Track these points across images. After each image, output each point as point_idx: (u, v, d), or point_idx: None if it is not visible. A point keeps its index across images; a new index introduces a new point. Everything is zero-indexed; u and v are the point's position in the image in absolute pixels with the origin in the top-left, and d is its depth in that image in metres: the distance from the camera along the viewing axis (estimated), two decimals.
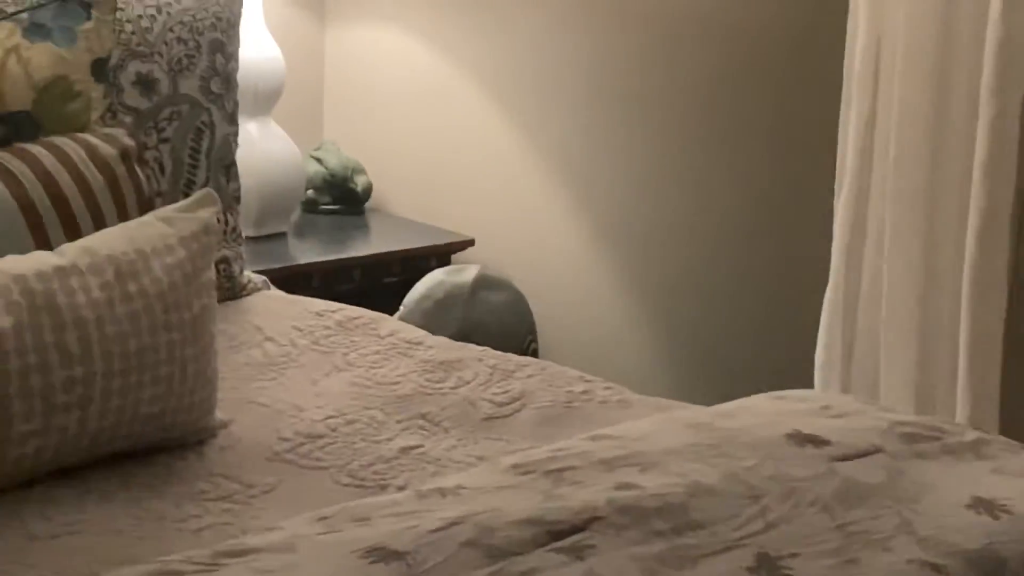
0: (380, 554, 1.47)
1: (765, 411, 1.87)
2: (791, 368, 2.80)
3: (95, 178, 2.10)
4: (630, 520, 1.55)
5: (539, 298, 3.19)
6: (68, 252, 1.88)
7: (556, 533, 1.53)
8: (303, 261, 3.09)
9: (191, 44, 2.47)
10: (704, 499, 1.61)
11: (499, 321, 3.04)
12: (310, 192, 3.34)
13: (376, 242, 3.29)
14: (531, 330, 3.12)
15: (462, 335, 2.93)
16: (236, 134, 2.55)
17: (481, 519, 1.54)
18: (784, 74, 2.87)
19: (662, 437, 1.75)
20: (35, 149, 2.09)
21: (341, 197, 3.38)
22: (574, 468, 1.67)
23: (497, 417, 2.10)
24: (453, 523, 1.53)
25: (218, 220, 2.44)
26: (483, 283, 3.06)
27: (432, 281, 3.07)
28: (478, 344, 2.35)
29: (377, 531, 1.52)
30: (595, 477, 1.65)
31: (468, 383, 2.20)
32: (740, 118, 2.94)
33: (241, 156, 2.65)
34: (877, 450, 1.74)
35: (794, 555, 1.52)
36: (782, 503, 1.62)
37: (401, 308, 3.05)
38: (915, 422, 1.85)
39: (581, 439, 1.79)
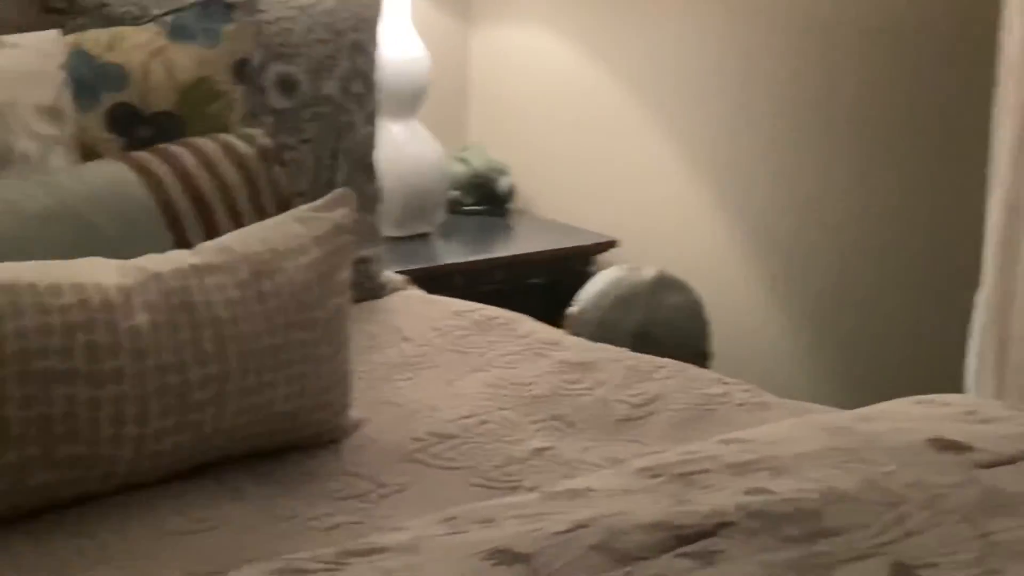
0: (503, 556, 1.45)
1: (907, 416, 1.82)
2: (941, 373, 2.73)
3: (234, 178, 2.12)
4: (761, 526, 1.52)
5: None
6: (205, 251, 1.90)
7: (684, 538, 1.50)
8: (446, 261, 3.10)
9: (332, 45, 2.49)
10: (839, 506, 1.57)
11: (677, 323, 3.00)
12: (454, 193, 3.35)
13: (519, 243, 3.28)
14: (707, 335, 3.06)
15: (640, 334, 2.90)
16: (375, 135, 2.56)
17: (608, 522, 1.51)
18: (936, 72, 2.80)
19: (797, 441, 1.71)
20: (176, 149, 2.12)
21: (485, 198, 3.38)
22: (704, 472, 1.64)
23: (632, 419, 2.07)
24: (579, 526, 1.51)
25: (355, 220, 2.48)
26: (663, 283, 3.02)
27: (610, 278, 3.03)
28: (656, 345, 2.31)
29: (502, 532, 1.50)
30: (725, 481, 1.61)
31: (604, 384, 2.18)
32: (891, 118, 2.88)
33: (386, 157, 2.67)
34: (1022, 456, 1.68)
35: (932, 565, 1.47)
36: (921, 511, 1.57)
37: (576, 304, 3.01)
38: None
39: (713, 442, 1.76)
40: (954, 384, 2.65)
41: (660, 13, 3.18)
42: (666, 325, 2.95)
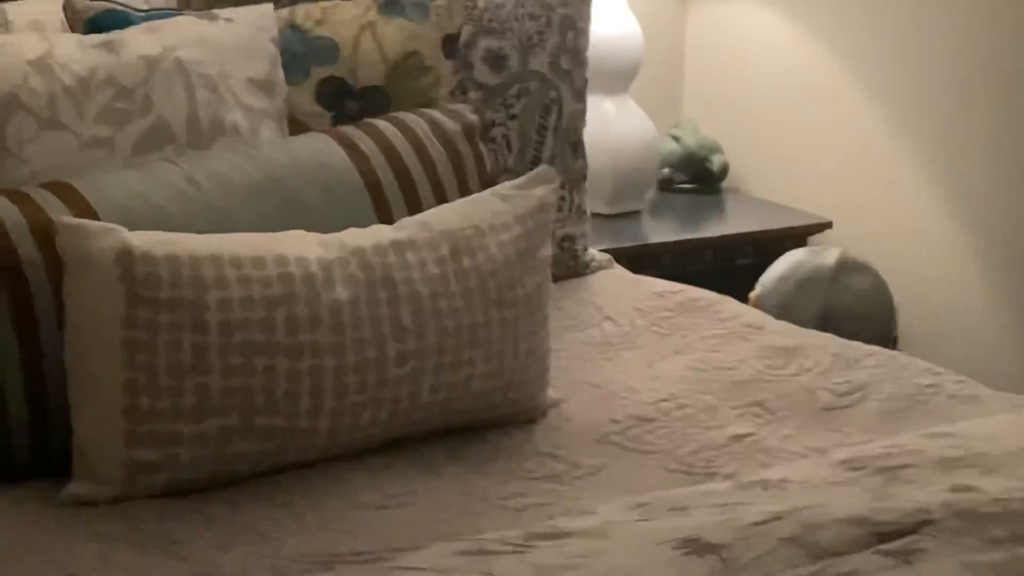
0: (694, 546, 1.42)
1: None
2: None
3: (438, 153, 2.12)
4: (965, 525, 1.46)
5: (900, 286, 3.06)
6: (406, 226, 1.90)
7: (884, 535, 1.44)
8: (655, 240, 3.06)
9: (542, 20, 2.47)
10: None
11: (861, 307, 2.92)
12: (666, 170, 3.31)
13: (731, 223, 3.22)
14: (893, 319, 2.99)
15: (822, 318, 2.84)
16: (584, 111, 2.53)
17: (804, 515, 1.47)
18: None
19: (1009, 437, 1.63)
20: (381, 124, 2.13)
21: (697, 176, 3.32)
22: (908, 467, 1.58)
23: (837, 408, 2.01)
24: (775, 517, 1.47)
25: (562, 198, 2.46)
26: (845, 266, 2.95)
27: (792, 261, 2.98)
28: (839, 329, 2.25)
29: (693, 521, 1.47)
30: (930, 477, 1.55)
31: (809, 371, 2.12)
32: None
33: (596, 133, 2.64)
34: None
35: None
36: None
37: (758, 287, 2.97)
38: None
39: (919, 435, 1.70)
40: None
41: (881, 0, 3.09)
42: (847, 310, 2.88)
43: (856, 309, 2.90)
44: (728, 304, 2.38)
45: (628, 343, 2.23)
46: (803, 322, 2.71)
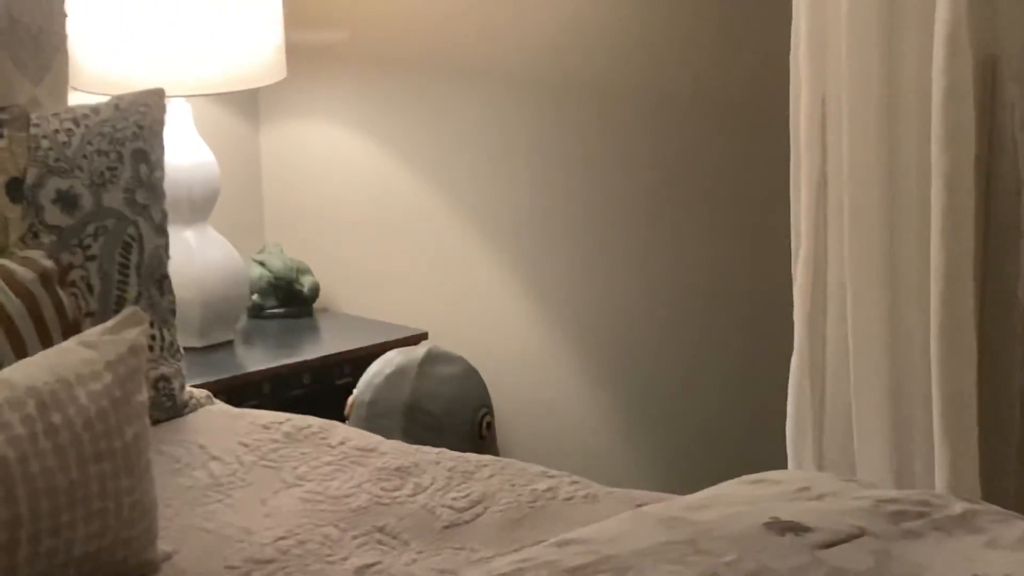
0: None
1: (741, 498, 1.76)
2: (761, 442, 2.70)
3: (13, 305, 1.99)
4: None
5: (496, 383, 3.10)
6: None
7: None
8: (251, 369, 2.99)
9: (112, 156, 2.36)
10: None
11: (450, 391, 2.98)
12: (255, 297, 3.24)
13: (326, 343, 3.18)
14: (485, 403, 3.05)
15: (409, 408, 2.89)
16: (167, 245, 2.44)
17: None
18: (731, 141, 2.80)
19: (633, 537, 1.63)
20: None
21: (287, 300, 3.27)
22: None
23: (458, 524, 1.98)
24: None
25: (152, 337, 2.35)
26: (434, 357, 3.01)
27: (384, 360, 3.02)
28: (427, 415, 2.26)
29: None
30: None
31: (426, 489, 2.08)
32: (688, 190, 2.86)
33: (180, 265, 2.56)
34: (861, 533, 1.63)
35: None
36: None
37: (355, 391, 2.97)
38: (899, 498, 1.74)
39: (547, 546, 1.68)
40: (775, 453, 2.62)
41: (447, 99, 3.13)
42: (434, 396, 2.95)
43: (444, 393, 2.96)
44: (336, 429, 2.32)
45: (238, 481, 2.14)
46: (392, 414, 2.78)
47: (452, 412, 2.96)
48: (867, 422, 2.50)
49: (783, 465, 2.59)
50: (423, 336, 3.18)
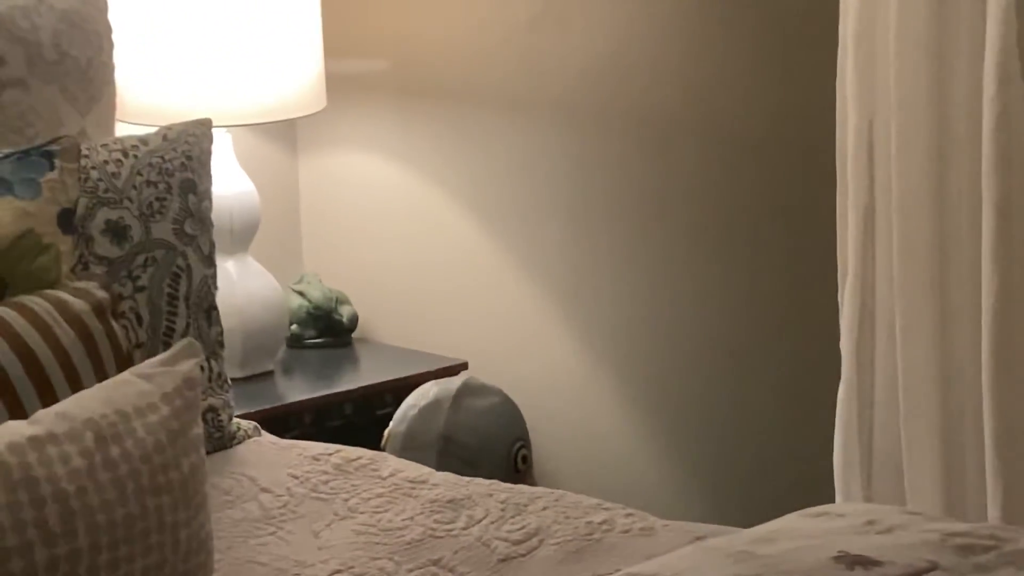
0: None
1: (806, 532, 1.74)
2: (809, 473, 2.68)
3: (68, 337, 1.97)
4: None
5: (534, 417, 3.08)
6: (43, 419, 1.75)
7: None
8: (292, 400, 2.99)
9: (161, 186, 2.36)
10: None
11: (484, 425, 2.97)
12: (294, 327, 3.23)
13: (366, 373, 3.18)
14: (521, 435, 3.04)
15: (444, 439, 2.89)
16: (215, 276, 2.43)
17: None
18: (778, 170, 2.79)
19: (700, 572, 1.61)
20: (2, 311, 1.97)
21: (326, 329, 3.26)
22: None
23: (515, 557, 1.96)
24: None
25: (201, 368, 2.34)
26: (470, 389, 3.00)
27: (420, 391, 3.01)
28: (461, 447, 2.23)
29: None
30: None
31: (479, 521, 2.07)
32: (733, 219, 2.85)
33: (221, 295, 2.55)
34: (933, 567, 1.61)
35: None
36: None
37: (391, 423, 2.96)
38: (967, 531, 1.72)
39: None
40: (823, 484, 2.59)
41: (488, 128, 3.13)
42: (469, 429, 2.94)
43: (479, 425, 2.95)
44: (386, 460, 2.31)
45: (289, 513, 2.13)
46: (426, 447, 2.78)
47: (487, 445, 2.94)
48: (917, 453, 2.48)
49: (833, 495, 2.56)
50: (463, 366, 3.17)
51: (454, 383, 3.01)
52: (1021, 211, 2.34)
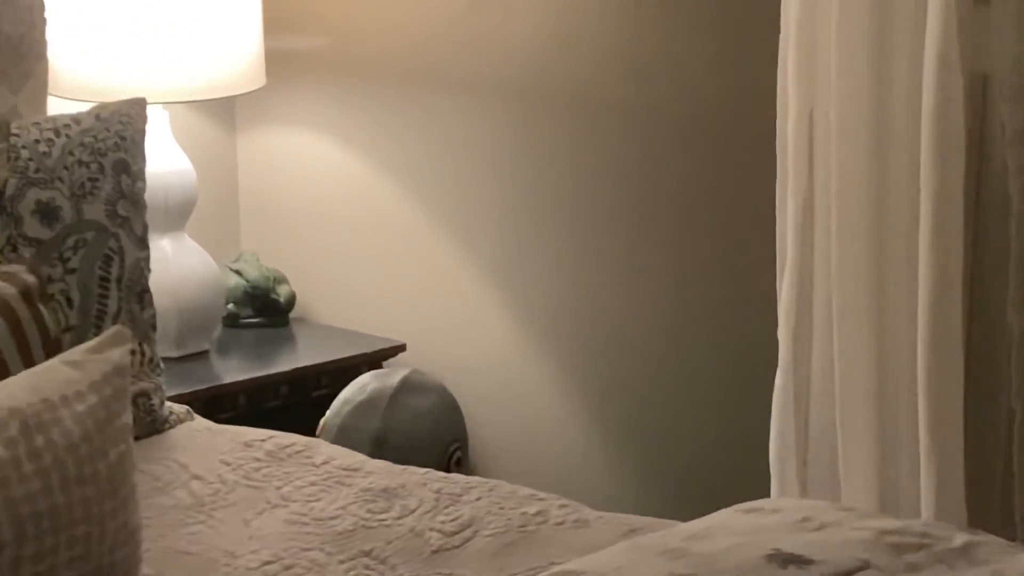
0: None
1: (740, 528, 1.73)
2: (748, 462, 2.68)
3: None
4: None
5: (473, 401, 3.07)
6: None
7: None
8: (227, 380, 2.96)
9: (94, 167, 2.32)
10: None
11: (420, 427, 2.93)
12: (230, 306, 3.20)
13: (303, 354, 3.15)
14: (457, 436, 3.00)
15: (378, 442, 2.83)
16: (148, 258, 2.40)
17: None
18: (717, 156, 2.77)
19: (634, 570, 1.61)
20: None
21: (264, 309, 3.23)
22: None
23: (447, 548, 1.95)
24: None
25: (132, 352, 2.31)
26: (408, 386, 2.95)
27: (358, 385, 2.97)
28: (394, 449, 2.20)
29: None
30: None
31: (413, 511, 2.05)
32: (673, 204, 2.83)
33: (156, 274, 2.52)
34: (865, 566, 1.61)
35: None
36: None
37: (327, 413, 2.93)
38: (900, 528, 1.72)
39: None
40: (758, 474, 2.59)
41: (427, 109, 3.10)
42: (404, 431, 2.90)
43: (414, 428, 2.91)
44: (320, 447, 2.28)
45: (220, 501, 2.10)
46: (360, 445, 2.70)
47: (420, 448, 2.88)
48: (852, 442, 2.48)
49: (768, 484, 2.57)
50: (401, 348, 3.15)
51: (393, 378, 2.95)
52: (958, 202, 2.34)
